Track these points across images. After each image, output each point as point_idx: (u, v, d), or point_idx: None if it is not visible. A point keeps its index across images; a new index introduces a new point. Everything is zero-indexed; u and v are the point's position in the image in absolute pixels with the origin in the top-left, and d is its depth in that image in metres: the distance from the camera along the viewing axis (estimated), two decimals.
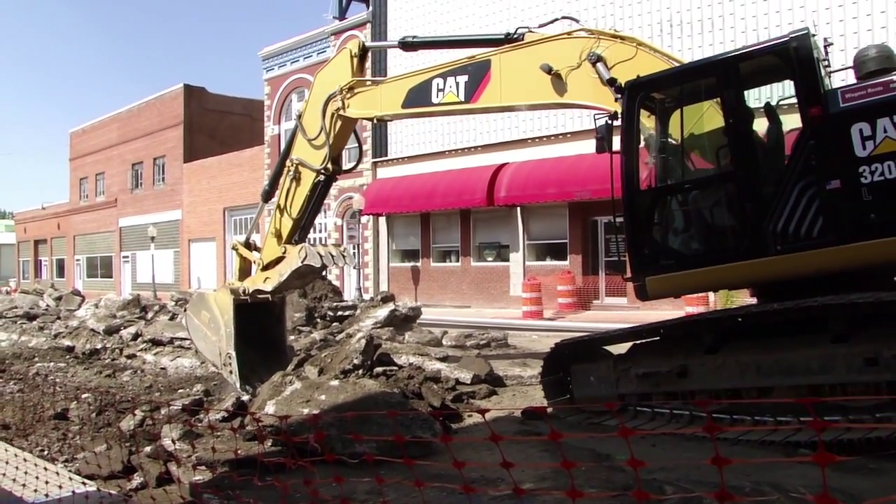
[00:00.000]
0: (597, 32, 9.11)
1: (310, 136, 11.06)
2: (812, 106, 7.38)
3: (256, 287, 11.07)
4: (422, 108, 10.48)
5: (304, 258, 10.44)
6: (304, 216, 11.23)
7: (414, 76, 10.43)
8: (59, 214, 60.26)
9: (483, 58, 9.76)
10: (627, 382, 8.56)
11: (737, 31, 22.14)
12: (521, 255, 27.48)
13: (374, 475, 3.45)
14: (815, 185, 7.33)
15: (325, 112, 10.88)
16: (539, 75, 9.07)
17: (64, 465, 7.58)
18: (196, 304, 11.85)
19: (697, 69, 8.92)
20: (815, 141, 7.35)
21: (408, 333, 15.96)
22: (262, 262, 11.33)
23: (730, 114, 7.93)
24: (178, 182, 45.65)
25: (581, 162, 23.77)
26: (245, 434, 8.04)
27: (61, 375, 13.60)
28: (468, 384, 10.75)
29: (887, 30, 19.66)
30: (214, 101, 46.69)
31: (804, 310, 7.14)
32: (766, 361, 7.51)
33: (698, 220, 8.42)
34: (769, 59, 8.12)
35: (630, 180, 8.34)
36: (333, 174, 11.17)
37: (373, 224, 32.87)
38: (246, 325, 10.91)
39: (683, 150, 8.45)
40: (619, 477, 6.18)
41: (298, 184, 11.21)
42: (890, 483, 5.90)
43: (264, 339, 11.43)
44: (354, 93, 10.79)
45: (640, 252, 8.40)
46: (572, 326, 19.27)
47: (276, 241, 11.26)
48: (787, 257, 7.46)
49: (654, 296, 8.41)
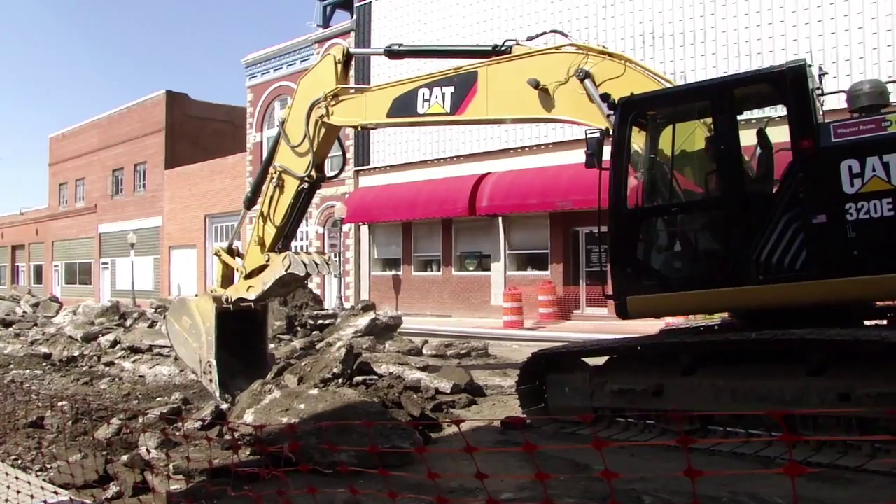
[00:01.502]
0: (585, 48, 9.10)
1: (293, 143, 10.95)
2: (804, 138, 7.39)
3: (239, 295, 10.99)
4: (407, 118, 10.44)
5: (288, 267, 10.36)
6: (287, 224, 11.13)
7: (399, 85, 10.37)
8: (37, 220, 59.78)
9: (470, 69, 9.72)
10: (602, 396, 8.57)
11: (718, 44, 22.30)
12: (502, 265, 27.51)
13: (351, 485, 3.43)
14: (801, 217, 7.36)
15: (309, 119, 10.78)
16: (526, 89, 9.03)
17: (38, 475, 7.49)
18: (177, 310, 11.74)
19: (692, 91, 8.97)
20: (804, 174, 7.37)
21: (388, 342, 15.94)
22: (245, 269, 11.22)
23: (721, 138, 7.94)
24: (159, 188, 45.43)
25: (563, 172, 23.85)
26: (222, 443, 7.99)
27: (37, 383, 13.48)
28: (448, 394, 10.73)
29: (864, 46, 19.84)
30: (197, 107, 46.54)
31: (783, 341, 7.17)
32: (742, 388, 7.54)
33: (683, 242, 8.45)
34: (763, 87, 8.15)
35: (617, 197, 8.31)
36: (317, 181, 11.08)
37: (354, 232, 32.82)
38: (227, 333, 10.83)
39: (673, 170, 8.44)
40: (598, 487, 6.18)
41: (282, 191, 11.11)
42: (865, 493, 5.95)
43: (245, 347, 11.35)
44: (339, 100, 10.71)
45: (623, 270, 8.38)
46: (553, 336, 19.31)
47: (260, 249, 11.16)
48: (769, 287, 7.50)
49: (634, 315, 8.41)
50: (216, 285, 11.71)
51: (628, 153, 8.31)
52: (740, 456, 7.15)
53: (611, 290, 8.47)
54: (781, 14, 21.22)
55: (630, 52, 23.27)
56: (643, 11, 24.04)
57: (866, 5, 19.85)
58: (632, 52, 23.18)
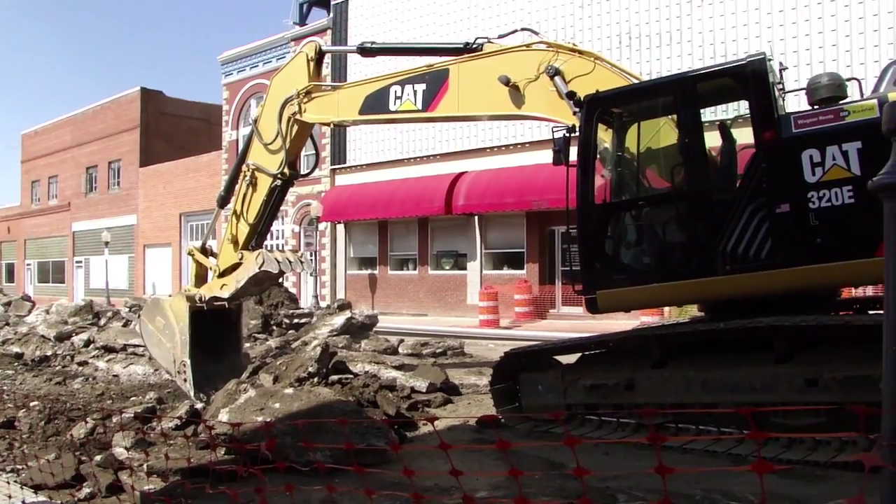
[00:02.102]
0: (555, 46, 9.17)
1: (266, 141, 10.95)
2: (765, 130, 7.51)
3: (213, 294, 10.95)
4: (379, 115, 10.44)
5: (262, 264, 10.34)
6: (260, 222, 11.12)
7: (371, 83, 10.40)
8: (9, 218, 59.13)
9: (441, 66, 9.77)
10: (575, 393, 8.64)
11: (693, 44, 22.49)
12: (478, 264, 27.56)
13: (328, 483, 3.45)
14: (765, 207, 7.48)
15: (282, 116, 10.80)
16: (496, 86, 9.09)
17: (10, 475, 7.44)
18: (150, 309, 11.70)
19: (656, 87, 9.07)
20: (767, 164, 7.49)
21: (364, 341, 15.94)
22: (219, 268, 11.20)
23: (685, 132, 8.04)
24: (134, 186, 45.10)
25: (539, 172, 23.93)
26: (198, 442, 7.97)
27: (9, 383, 13.37)
28: (424, 392, 10.75)
29: (837, 48, 20.07)
30: (172, 104, 46.24)
31: (749, 330, 7.28)
32: (712, 378, 7.65)
33: (650, 236, 8.53)
34: (726, 81, 8.25)
35: (585, 194, 8.40)
36: (290, 179, 11.08)
37: (330, 231, 32.75)
38: (201, 333, 10.81)
39: (639, 166, 8.55)
40: (573, 485, 6.23)
41: (255, 189, 11.10)
42: (835, 489, 6.03)
43: (220, 346, 11.32)
44: (311, 97, 10.74)
45: (592, 265, 8.46)
46: (529, 335, 19.39)
47: (233, 248, 11.14)
48: (735, 277, 7.60)
49: (605, 309, 8.47)
50: (190, 285, 11.68)
51: (594, 150, 8.38)
52: (713, 454, 7.23)
53: (581, 286, 8.54)
54: (757, 15, 21.43)
55: (607, 52, 23.38)
56: (619, 12, 24.17)
57: (839, 8, 20.08)
58: (608, 52, 23.29)
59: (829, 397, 6.87)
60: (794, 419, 7.11)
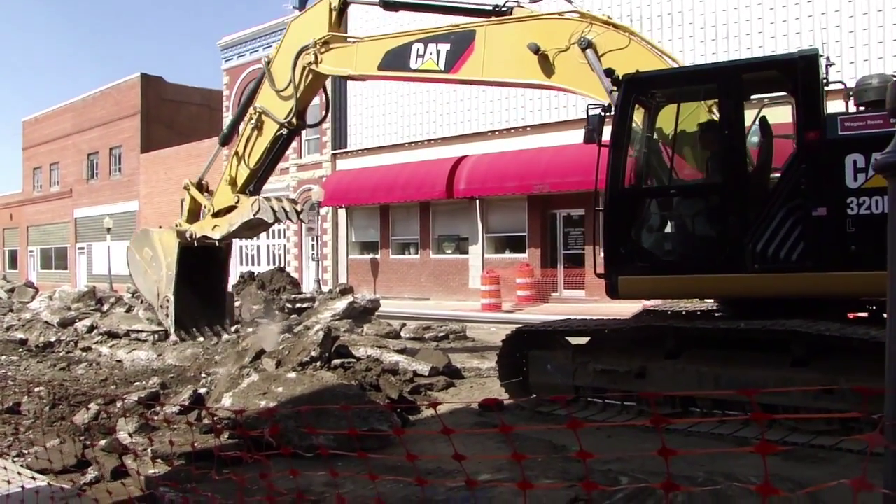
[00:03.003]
0: (589, 17, 8.84)
1: (278, 88, 10.78)
2: (810, 129, 7.34)
3: (204, 233, 10.89)
4: (398, 73, 10.26)
5: (257, 211, 10.28)
6: (261, 167, 11.00)
7: (393, 38, 10.18)
8: (11, 205, 59.13)
9: (468, 27, 9.48)
10: (584, 375, 8.59)
11: (695, 26, 22.34)
12: (480, 248, 27.55)
13: (331, 468, 3.46)
14: (801, 208, 7.32)
15: (296, 64, 10.59)
16: (524, 53, 8.81)
17: (15, 460, 7.46)
18: (140, 240, 11.59)
19: (700, 73, 8.85)
20: (808, 165, 7.32)
21: (366, 326, 15.96)
22: (213, 207, 11.08)
23: (726, 123, 7.85)
24: (135, 172, 45.07)
25: (541, 155, 23.90)
26: (202, 427, 7.99)
27: (13, 369, 13.39)
28: (426, 376, 10.78)
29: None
30: (172, 90, 46.13)
31: (769, 332, 7.18)
32: (725, 375, 7.54)
33: (679, 226, 8.36)
34: (773, 73, 8.07)
35: (615, 176, 8.13)
36: (297, 129, 10.98)
37: (332, 216, 32.74)
38: (188, 268, 10.77)
39: (673, 153, 8.32)
40: (575, 468, 6.25)
41: (260, 133, 10.93)
42: (837, 471, 6.05)
43: (205, 284, 11.26)
44: (329, 48, 10.50)
45: (616, 250, 8.26)
46: (531, 319, 19.37)
47: (230, 189, 10.99)
48: (763, 276, 7.47)
49: (625, 296, 8.35)
50: (182, 219, 11.51)
51: (630, 132, 8.13)
52: (717, 437, 7.24)
53: (601, 269, 8.35)
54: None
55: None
56: None
57: None
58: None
59: (844, 406, 6.78)
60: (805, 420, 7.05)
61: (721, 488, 5.32)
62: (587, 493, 2.20)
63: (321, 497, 5.55)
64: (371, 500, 3.80)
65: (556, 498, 5.35)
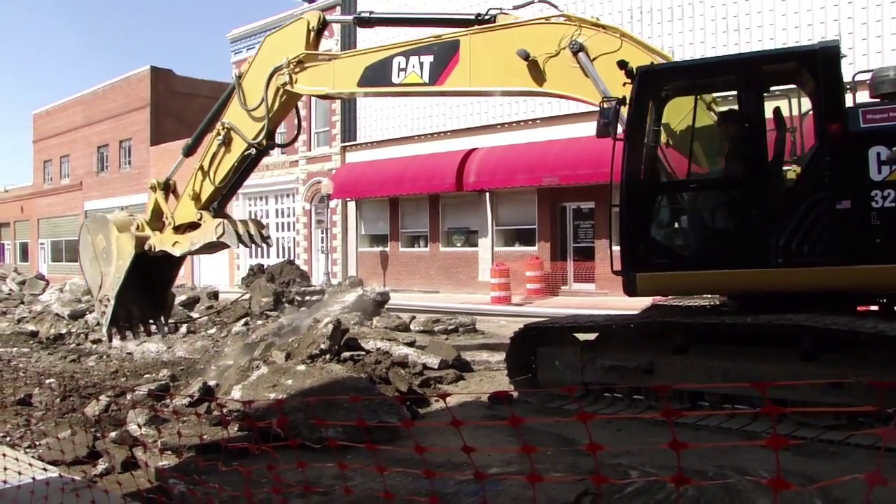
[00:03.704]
0: (577, 20, 8.65)
1: (248, 106, 10.27)
2: (832, 122, 7.25)
3: (164, 248, 10.44)
4: (380, 88, 9.87)
5: (221, 235, 9.90)
6: (226, 185, 10.51)
7: (372, 52, 9.83)
8: (22, 197, 59.32)
9: (451, 38, 9.20)
10: (593, 372, 8.56)
11: (706, 18, 22.21)
12: (489, 241, 27.51)
13: (339, 460, 3.45)
14: (825, 202, 7.26)
15: (270, 83, 10.10)
16: (513, 60, 8.60)
17: (26, 451, 7.50)
18: (97, 225, 11.12)
19: (717, 65, 8.72)
20: (831, 158, 7.25)
21: (376, 318, 15.96)
22: (175, 221, 10.56)
23: (745, 116, 7.75)
24: (145, 165, 45.13)
25: (551, 148, 23.83)
26: (211, 419, 8.02)
27: (25, 361, 13.47)
28: (436, 369, 10.77)
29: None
30: (182, 83, 46.17)
31: (778, 326, 7.13)
32: (734, 370, 7.49)
33: (699, 220, 8.25)
34: (792, 66, 7.98)
35: (632, 170, 7.96)
36: (267, 149, 10.48)
37: (341, 209, 32.74)
38: (139, 273, 10.42)
39: (691, 146, 8.21)
40: (585, 461, 6.23)
41: (227, 150, 10.42)
42: (848, 466, 6.02)
43: (150, 282, 10.85)
44: (304, 67, 10.05)
45: (634, 246, 8.10)
46: (540, 312, 19.37)
47: (194, 204, 10.50)
48: (787, 271, 7.38)
49: (643, 293, 8.25)
50: (144, 218, 10.95)
51: (644, 124, 7.97)
52: (726, 431, 7.21)
53: (618, 266, 8.19)
54: None
55: (627, 24, 23.20)
56: None
57: None
58: (620, 26, 23.11)
59: (853, 401, 6.72)
60: (815, 415, 6.99)
61: (732, 482, 5.30)
62: (597, 486, 2.19)
63: (329, 489, 5.55)
64: (379, 493, 3.79)
65: (566, 491, 5.34)
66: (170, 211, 10.70)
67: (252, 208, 38.14)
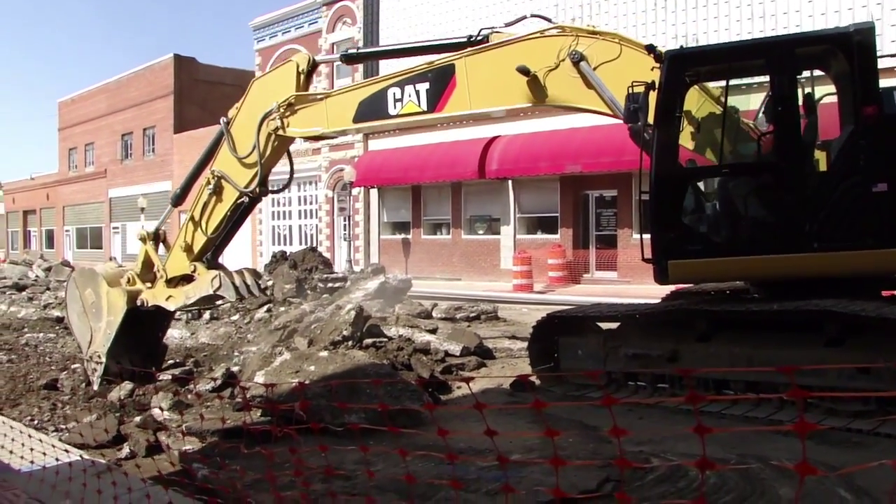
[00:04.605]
0: (573, 30, 8.39)
1: (239, 154, 9.87)
2: (868, 105, 7.18)
3: (157, 303, 9.97)
4: (377, 122, 9.49)
5: (218, 288, 9.48)
6: (219, 236, 10.04)
7: (364, 87, 9.45)
8: (47, 185, 59.90)
9: (445, 62, 8.85)
10: (615, 361, 8.52)
11: (730, 5, 21.98)
12: (511, 229, 27.46)
13: (361, 444, 3.46)
14: (861, 185, 7.20)
15: (260, 130, 9.68)
16: (512, 77, 8.31)
17: (53, 435, 7.59)
18: (86, 278, 10.57)
19: (749, 48, 8.64)
20: (867, 141, 7.18)
21: (398, 305, 16.00)
22: (167, 274, 10.08)
23: (778, 99, 7.64)
24: (169, 153, 45.40)
25: (573, 136, 23.71)
26: (233, 404, 8.08)
27: (51, 346, 13.60)
28: (457, 356, 10.79)
29: None
30: (205, 71, 46.34)
31: (803, 312, 7.08)
32: (758, 356, 7.42)
33: (732, 206, 8.13)
34: (825, 48, 7.88)
35: (662, 156, 7.80)
36: (260, 196, 10.05)
37: (364, 196, 32.78)
38: (129, 324, 9.95)
39: (723, 131, 8.09)
40: (607, 449, 6.23)
41: (219, 199, 10.03)
42: (871, 456, 5.97)
43: (143, 337, 10.37)
44: (295, 110, 9.62)
45: (665, 234, 7.99)
46: (563, 300, 19.33)
47: (186, 256, 10.06)
48: (823, 255, 7.31)
49: (675, 280, 8.21)
50: (135, 270, 10.44)
51: (674, 109, 7.82)
52: (751, 419, 7.17)
53: (648, 253, 8.08)
54: None
55: (633, 16, 23.03)
56: None
57: None
58: (633, 15, 22.95)
59: (882, 387, 6.69)
60: (840, 402, 6.94)
61: (754, 467, 5.27)
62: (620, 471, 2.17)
63: (351, 474, 5.58)
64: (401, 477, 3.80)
65: (587, 478, 5.33)
66: (161, 263, 10.29)
67: (274, 196, 38.27)
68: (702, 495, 2.93)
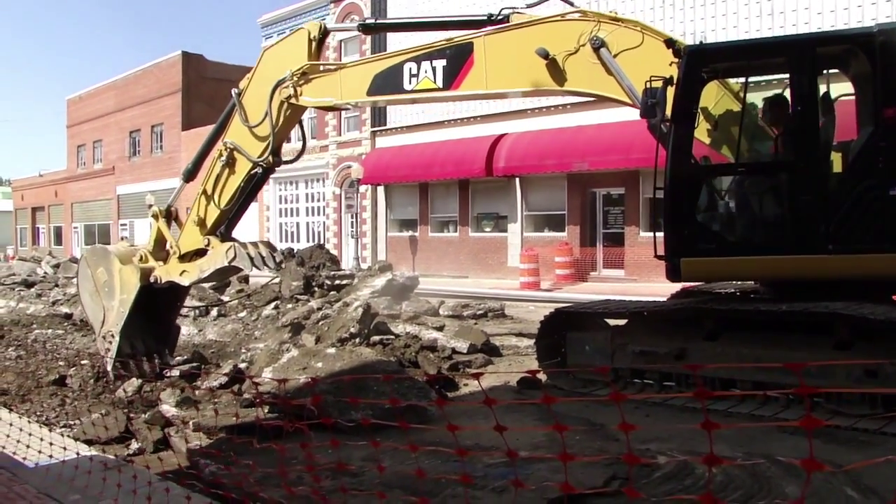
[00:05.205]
0: (595, 15, 8.30)
1: (251, 123, 9.80)
2: (889, 106, 7.11)
3: (171, 278, 9.88)
4: (392, 96, 9.40)
5: (232, 259, 9.37)
6: (233, 208, 9.96)
7: (381, 60, 9.40)
8: (56, 182, 60.07)
9: (463, 40, 8.75)
10: (623, 357, 8.53)
11: (739, 3, 21.94)
12: (519, 226, 27.48)
13: (370, 440, 3.48)
14: (878, 188, 7.15)
15: (272, 98, 9.64)
16: (531, 60, 8.22)
17: (62, 431, 7.63)
18: (98, 257, 10.48)
19: (770, 46, 8.58)
20: (887, 143, 7.12)
21: (405, 303, 16.02)
22: (180, 250, 10.01)
23: (797, 98, 7.59)
24: (176, 150, 45.50)
25: (581, 133, 23.71)
26: (242, 400, 8.11)
27: (59, 342, 13.65)
28: (464, 353, 10.80)
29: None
30: (213, 68, 46.39)
31: (812, 314, 7.05)
32: (766, 357, 7.34)
33: (747, 205, 8.10)
34: (846, 48, 7.83)
35: (679, 153, 7.76)
36: (273, 166, 9.94)
37: (371, 193, 32.83)
38: (142, 305, 9.94)
39: (741, 129, 8.04)
40: (614, 446, 6.24)
41: (231, 171, 9.93)
42: (878, 455, 5.95)
43: (155, 315, 10.34)
44: (308, 79, 9.54)
45: (678, 231, 7.94)
46: (570, 298, 19.32)
47: (199, 230, 9.98)
48: (838, 258, 7.26)
49: (687, 278, 8.15)
50: (148, 248, 10.37)
51: (692, 106, 7.76)
52: (758, 418, 7.17)
53: (661, 251, 8.03)
54: None
55: (650, 10, 22.99)
56: None
57: None
58: (651, 10, 22.93)
59: (888, 389, 6.66)
60: (848, 406, 6.94)
61: (761, 465, 5.28)
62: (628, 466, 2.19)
63: (360, 470, 5.60)
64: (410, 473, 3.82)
65: (594, 475, 5.34)
66: (174, 239, 10.21)
67: (282, 193, 38.38)
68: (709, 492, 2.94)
